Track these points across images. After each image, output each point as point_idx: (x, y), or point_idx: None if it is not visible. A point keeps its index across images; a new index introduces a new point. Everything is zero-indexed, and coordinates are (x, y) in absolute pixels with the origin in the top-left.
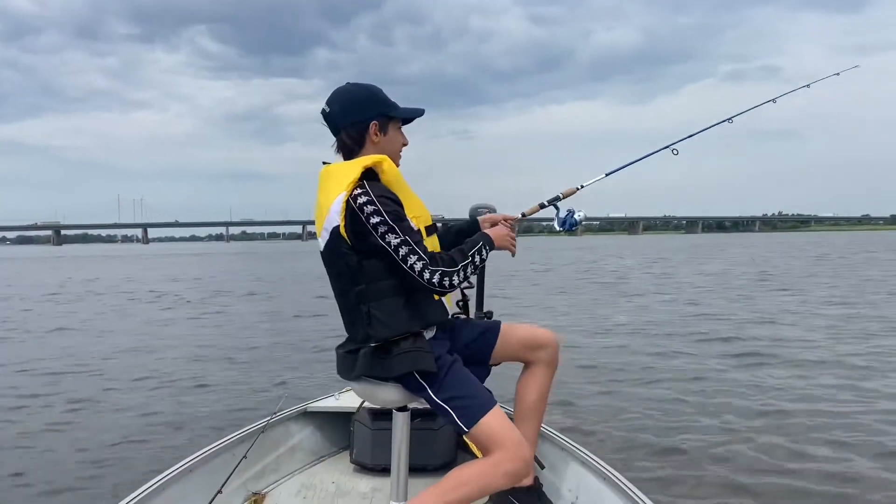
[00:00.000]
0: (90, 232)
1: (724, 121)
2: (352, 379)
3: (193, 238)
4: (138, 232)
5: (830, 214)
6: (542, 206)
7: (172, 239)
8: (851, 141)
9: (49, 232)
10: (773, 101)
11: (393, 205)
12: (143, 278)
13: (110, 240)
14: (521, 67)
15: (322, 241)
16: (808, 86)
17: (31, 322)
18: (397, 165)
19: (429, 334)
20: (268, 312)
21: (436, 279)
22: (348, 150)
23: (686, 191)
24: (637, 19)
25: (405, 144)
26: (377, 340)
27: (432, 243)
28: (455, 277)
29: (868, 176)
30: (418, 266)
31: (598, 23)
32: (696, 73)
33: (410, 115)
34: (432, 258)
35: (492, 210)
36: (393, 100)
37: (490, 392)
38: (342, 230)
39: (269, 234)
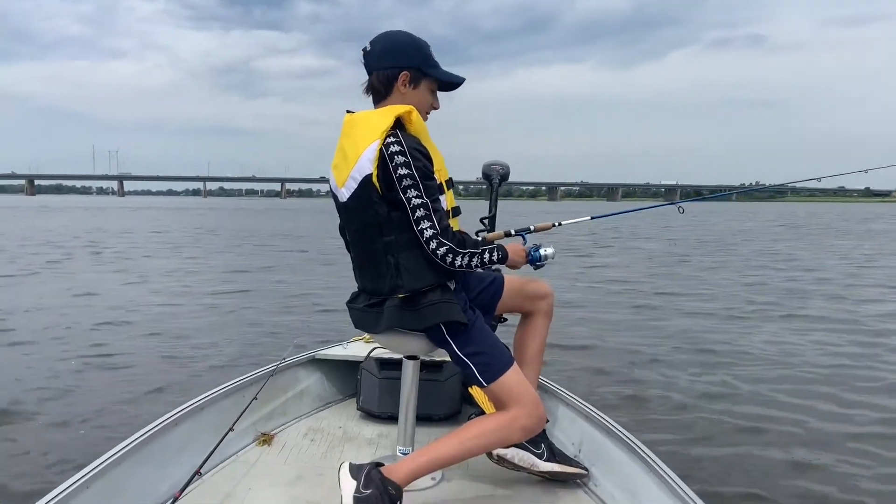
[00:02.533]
0: (65, 183)
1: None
2: (379, 332)
3: (170, 192)
4: (114, 184)
5: (808, 186)
6: (507, 234)
7: (149, 192)
8: (834, 114)
9: (23, 182)
10: (865, 171)
11: (423, 160)
12: (136, 229)
13: (85, 191)
14: (506, 28)
15: (348, 190)
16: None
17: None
18: None
19: (451, 285)
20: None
21: (440, 252)
22: (376, 93)
23: (665, 157)
24: None
25: (435, 108)
26: (406, 291)
27: (450, 198)
28: (459, 259)
29: (845, 149)
30: (428, 233)
31: None
32: (682, 40)
33: (447, 79)
34: (445, 231)
35: (504, 167)
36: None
37: (508, 349)
38: (374, 179)
39: (246, 190)
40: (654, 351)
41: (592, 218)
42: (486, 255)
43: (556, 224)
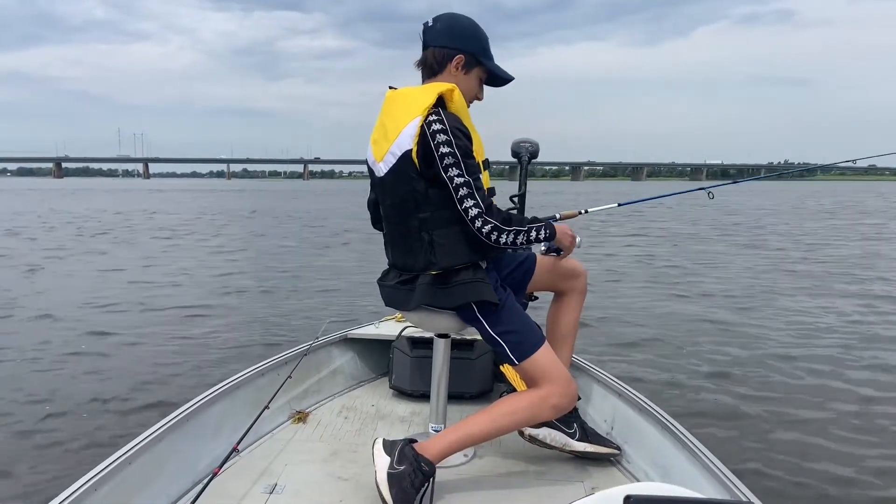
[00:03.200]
0: (91, 165)
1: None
2: (410, 309)
3: (195, 174)
4: (139, 167)
5: (838, 164)
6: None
7: (174, 175)
8: (863, 90)
9: (50, 165)
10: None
11: (465, 139)
12: (166, 210)
13: (111, 174)
14: (529, 6)
15: (386, 165)
16: None
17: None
18: None
19: (483, 265)
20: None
21: (486, 230)
22: (429, 69)
23: (691, 136)
24: None
25: (479, 99)
26: (440, 268)
27: (485, 179)
28: (504, 236)
29: (875, 127)
30: (473, 212)
31: None
32: (710, 15)
33: (499, 73)
34: (489, 208)
35: (534, 145)
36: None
37: (540, 327)
38: (414, 155)
39: (269, 172)
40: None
41: (620, 205)
42: (534, 233)
43: (583, 211)
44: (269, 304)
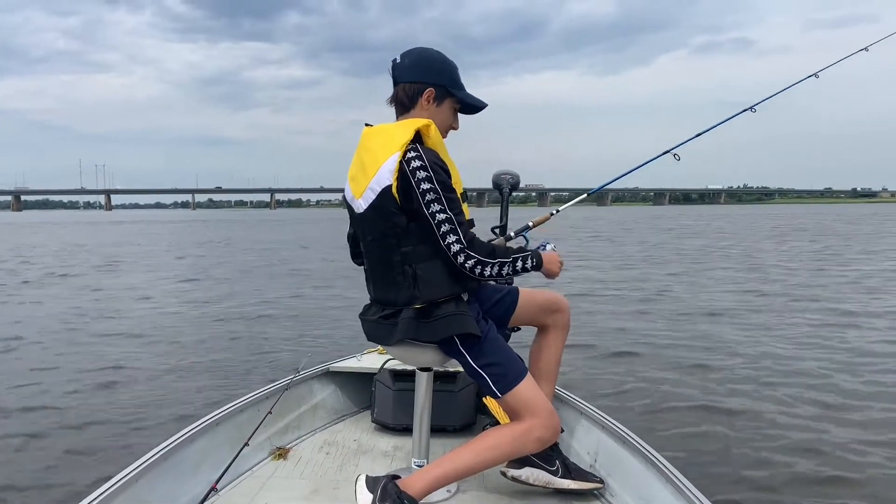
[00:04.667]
0: (52, 198)
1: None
2: (392, 343)
3: (158, 205)
4: (101, 198)
5: (796, 187)
6: (508, 239)
7: (136, 206)
8: (817, 115)
9: (9, 197)
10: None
11: (444, 174)
12: (126, 243)
13: (73, 206)
14: (495, 36)
15: (365, 201)
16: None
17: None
18: None
19: (465, 297)
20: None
21: (469, 265)
22: (401, 104)
23: (655, 163)
24: None
25: (454, 129)
26: (423, 301)
27: (465, 211)
28: (489, 269)
29: (831, 150)
30: (455, 247)
31: None
32: (669, 44)
33: (471, 102)
34: (471, 242)
35: (515, 176)
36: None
37: (522, 360)
38: (394, 190)
39: (235, 201)
40: (677, 357)
41: (589, 194)
42: (519, 264)
43: (554, 212)
44: (248, 337)
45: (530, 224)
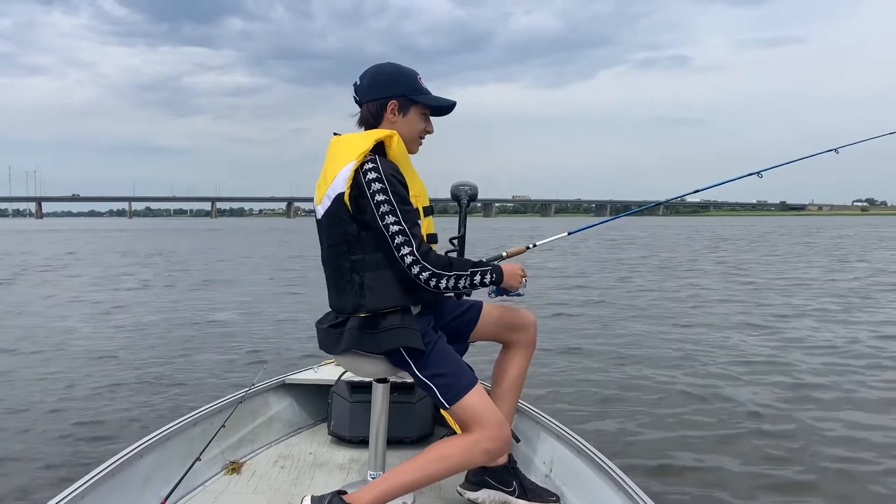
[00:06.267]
0: None
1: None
2: (338, 353)
3: (93, 213)
4: (31, 206)
5: (729, 200)
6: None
7: (69, 214)
8: (751, 130)
9: None
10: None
11: (400, 186)
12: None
13: (1, 214)
14: (441, 47)
15: (322, 208)
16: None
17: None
18: (414, 151)
19: (415, 309)
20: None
21: (424, 276)
22: (366, 124)
23: (597, 173)
24: (555, 4)
25: (429, 132)
26: (368, 311)
27: (427, 224)
28: (444, 282)
29: (763, 164)
30: (409, 259)
31: (518, 5)
32: (611, 60)
33: (435, 104)
34: (426, 254)
35: (473, 188)
36: (425, 87)
37: (472, 370)
38: (346, 198)
39: (175, 210)
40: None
41: (570, 233)
42: (478, 277)
43: (531, 246)
44: (202, 349)
45: (504, 254)
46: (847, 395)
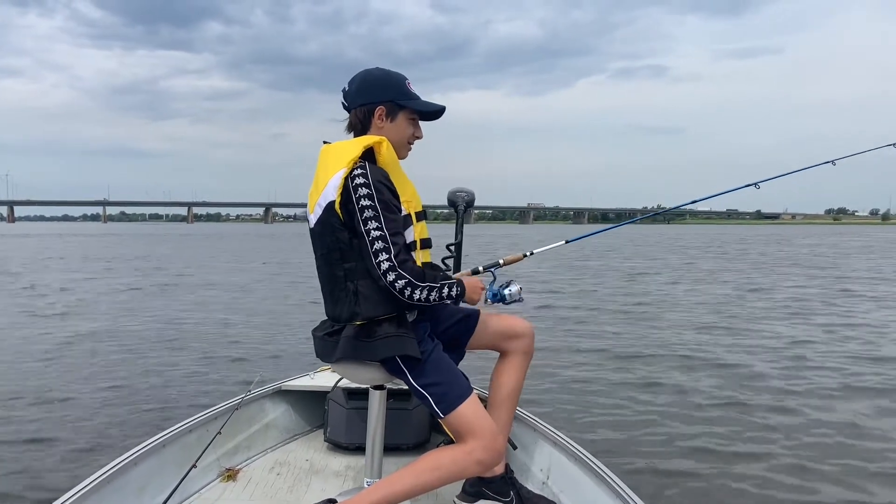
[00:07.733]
0: None
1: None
2: (334, 361)
3: (66, 218)
4: (3, 210)
5: (705, 209)
6: (474, 273)
7: (42, 218)
8: (727, 138)
9: None
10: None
11: (388, 193)
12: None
13: None
14: (422, 54)
15: (314, 216)
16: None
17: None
18: (403, 156)
19: (411, 317)
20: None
21: (399, 285)
22: (355, 129)
23: (575, 181)
24: (536, 12)
25: (418, 137)
26: (363, 318)
27: (421, 229)
28: (418, 293)
29: (739, 173)
30: (385, 265)
31: (499, 13)
32: (589, 69)
33: (423, 109)
34: (403, 263)
35: (470, 194)
36: (414, 93)
37: (468, 379)
38: (337, 206)
39: (150, 215)
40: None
41: (567, 241)
42: (445, 290)
43: (528, 254)
44: (199, 356)
45: (500, 262)
46: (847, 396)
